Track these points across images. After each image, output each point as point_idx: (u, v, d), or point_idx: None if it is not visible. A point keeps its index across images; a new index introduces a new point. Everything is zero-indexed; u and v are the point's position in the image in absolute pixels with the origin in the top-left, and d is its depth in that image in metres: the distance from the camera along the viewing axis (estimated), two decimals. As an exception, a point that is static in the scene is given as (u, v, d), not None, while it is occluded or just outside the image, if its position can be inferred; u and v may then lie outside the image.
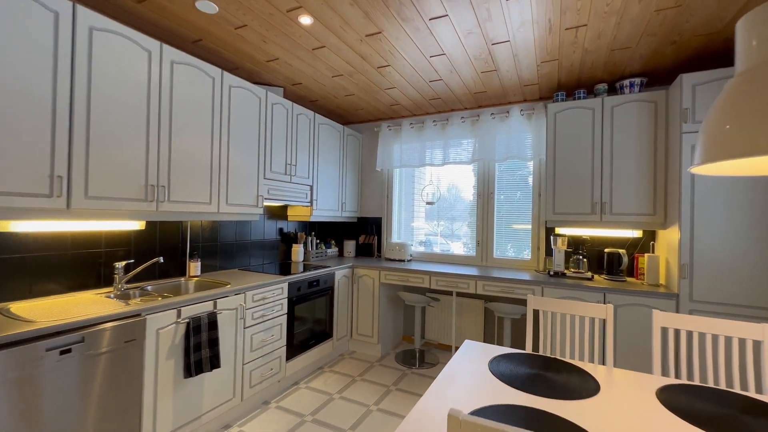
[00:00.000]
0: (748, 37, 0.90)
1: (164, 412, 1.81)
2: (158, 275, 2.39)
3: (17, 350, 1.29)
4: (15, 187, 1.49)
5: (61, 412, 1.42)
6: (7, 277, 1.72)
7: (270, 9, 1.93)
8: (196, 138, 2.22)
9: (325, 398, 2.57)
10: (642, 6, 1.83)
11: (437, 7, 1.88)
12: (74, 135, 1.66)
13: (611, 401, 1.16)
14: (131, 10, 1.99)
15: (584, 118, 2.78)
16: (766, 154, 0.82)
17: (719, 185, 2.20)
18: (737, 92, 0.90)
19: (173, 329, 1.84)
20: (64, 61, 1.62)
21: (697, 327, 1.39)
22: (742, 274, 2.12)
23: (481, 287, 2.89)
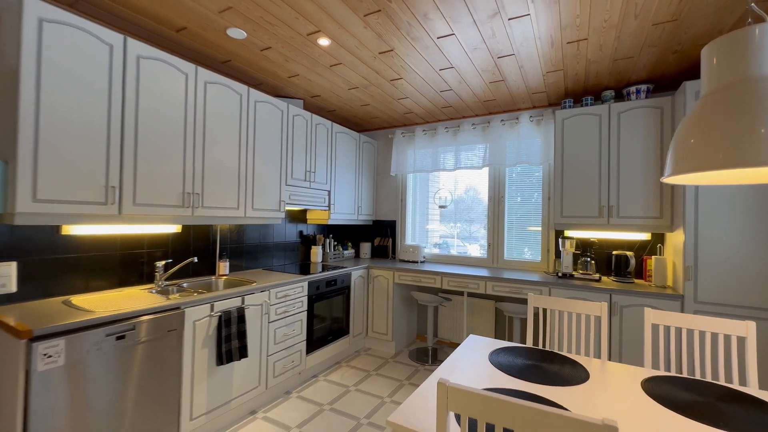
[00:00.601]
0: (711, 64, 1.02)
1: (200, 394, 2.03)
2: (192, 274, 2.63)
3: (85, 334, 1.53)
4: (77, 196, 1.74)
5: (116, 388, 1.66)
6: (68, 274, 1.98)
7: (292, 33, 2.14)
8: (225, 149, 2.46)
9: (342, 390, 2.75)
10: (639, 21, 1.93)
11: (443, 28, 2.04)
12: (125, 150, 1.91)
13: (598, 389, 1.28)
14: (171, 38, 2.24)
15: (591, 124, 2.86)
16: (723, 168, 0.94)
17: (723, 189, 2.25)
18: (701, 112, 1.02)
19: (207, 321, 2.07)
20: (117, 86, 1.87)
21: (685, 324, 1.49)
22: (746, 277, 2.17)
23: (491, 288, 3.01)
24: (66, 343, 1.48)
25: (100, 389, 1.61)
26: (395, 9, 1.87)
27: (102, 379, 1.61)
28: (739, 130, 0.92)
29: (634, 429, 1.03)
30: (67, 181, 1.70)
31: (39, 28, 1.60)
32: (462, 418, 0.82)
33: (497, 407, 0.76)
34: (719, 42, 1.00)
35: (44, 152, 1.62)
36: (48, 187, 1.63)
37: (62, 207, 1.68)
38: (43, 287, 1.89)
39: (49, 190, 1.64)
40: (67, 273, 1.98)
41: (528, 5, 1.81)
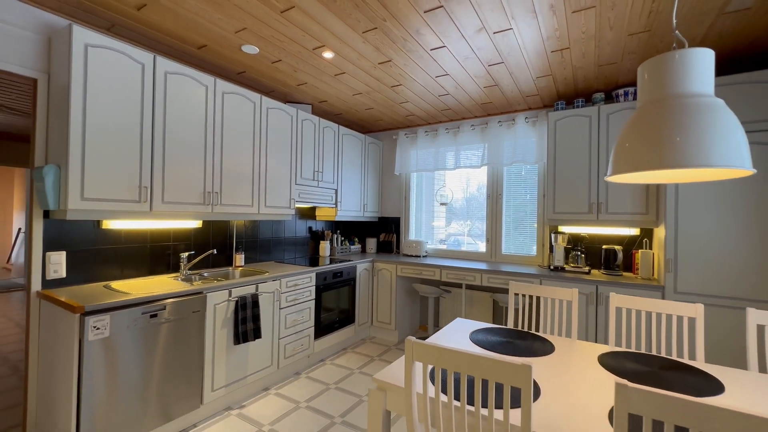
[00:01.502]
0: (643, 81, 1.21)
1: (219, 369, 2.31)
2: (211, 264, 2.92)
3: (126, 311, 1.81)
4: (116, 195, 2.02)
5: (149, 359, 1.94)
6: (107, 263, 2.28)
7: (299, 48, 2.38)
8: (241, 152, 2.73)
9: (347, 372, 3.00)
10: (615, 32, 2.10)
11: (435, 41, 2.24)
12: (155, 154, 2.19)
13: (559, 360, 1.49)
14: (193, 54, 2.52)
15: (582, 125, 3.02)
16: (651, 169, 1.14)
17: (701, 187, 2.40)
18: (634, 121, 1.21)
19: (226, 305, 2.34)
20: (148, 99, 2.15)
21: (644, 307, 1.67)
22: (722, 269, 2.32)
23: (486, 280, 3.21)
24: (110, 318, 1.76)
25: (137, 359, 1.89)
26: (390, 27, 2.09)
27: (138, 350, 1.90)
28: (661, 138, 1.11)
29: (582, 389, 1.24)
30: (108, 182, 1.98)
31: (85, 52, 1.89)
32: (423, 366, 1.04)
33: (447, 356, 0.98)
34: (649, 63, 1.19)
35: (90, 158, 1.91)
36: (93, 188, 1.92)
37: (104, 204, 1.97)
38: (87, 273, 2.19)
39: (94, 190, 1.93)
40: (106, 262, 2.28)
41: (509, 21, 2.00)
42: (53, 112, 1.96)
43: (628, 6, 1.84)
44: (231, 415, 2.32)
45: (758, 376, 1.35)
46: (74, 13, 2.06)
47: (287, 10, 1.95)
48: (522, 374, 0.87)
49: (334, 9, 1.93)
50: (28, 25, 1.96)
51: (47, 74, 2.01)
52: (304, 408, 2.44)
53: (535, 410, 1.08)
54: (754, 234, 2.25)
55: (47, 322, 1.93)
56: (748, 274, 2.25)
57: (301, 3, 1.88)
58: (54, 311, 1.86)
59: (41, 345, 1.97)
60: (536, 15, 1.94)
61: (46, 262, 2.01)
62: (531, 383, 0.87)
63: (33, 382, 1.98)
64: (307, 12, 1.96)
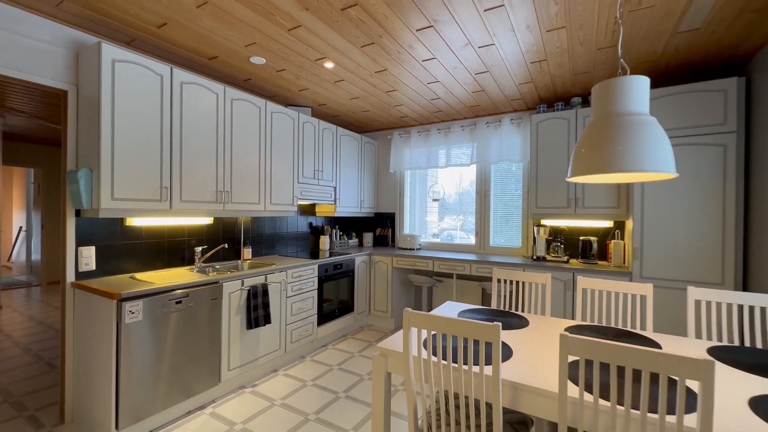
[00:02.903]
0: (595, 100, 1.48)
1: (234, 351, 2.56)
2: (222, 258, 3.15)
3: (156, 298, 2.05)
4: (140, 195, 2.25)
5: (175, 340, 2.19)
6: (130, 256, 2.51)
7: (302, 59, 2.61)
8: (248, 154, 2.95)
9: (348, 355, 3.27)
10: (585, 47, 2.37)
11: (426, 54, 2.49)
12: (173, 157, 2.41)
13: (531, 332, 1.76)
14: (204, 64, 2.73)
15: (561, 126, 3.30)
16: (600, 173, 1.40)
17: (662, 185, 2.69)
18: (588, 131, 1.48)
19: (239, 294, 2.59)
20: (166, 107, 2.37)
21: (604, 287, 1.96)
22: (682, 255, 2.62)
23: (475, 269, 3.49)
24: (143, 303, 2.00)
25: (164, 340, 2.13)
26: (386, 42, 2.33)
27: (165, 332, 2.14)
28: (607, 148, 1.38)
29: (547, 352, 1.52)
30: (134, 183, 2.21)
31: (112, 67, 2.10)
32: (418, 332, 1.31)
33: (436, 321, 1.25)
34: (600, 86, 1.46)
35: (118, 161, 2.13)
36: (121, 188, 2.15)
37: (131, 203, 2.20)
38: (113, 266, 2.42)
39: (122, 191, 2.15)
40: (130, 255, 2.51)
41: (491, 37, 2.26)
42: (82, 120, 2.18)
43: (594, 27, 2.11)
44: (245, 393, 2.58)
45: (692, 340, 1.64)
46: (99, 30, 2.27)
47: (294, 28, 2.18)
48: (492, 332, 1.14)
49: (336, 27, 2.16)
50: (58, 42, 2.17)
51: (76, 86, 2.22)
52: (311, 386, 2.70)
53: (507, 367, 1.36)
54: (702, 226, 2.55)
55: (81, 309, 2.16)
56: (698, 260, 2.56)
57: (307, 22, 2.11)
58: (89, 299, 2.09)
59: (76, 329, 2.20)
60: (515, 33, 2.20)
61: (78, 256, 2.23)
62: (499, 339, 1.14)
63: (69, 363, 2.21)
64: (312, 30, 2.19)
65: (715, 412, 1.06)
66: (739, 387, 1.20)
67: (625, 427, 0.98)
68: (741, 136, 2.49)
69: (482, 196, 4.04)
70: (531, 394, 1.23)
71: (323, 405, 2.44)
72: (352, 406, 2.43)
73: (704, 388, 0.88)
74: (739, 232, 2.48)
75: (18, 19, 2.01)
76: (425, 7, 1.94)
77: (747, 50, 2.40)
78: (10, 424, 2.16)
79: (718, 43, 2.30)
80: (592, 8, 1.93)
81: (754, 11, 1.94)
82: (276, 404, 2.43)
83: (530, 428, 1.50)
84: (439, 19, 2.05)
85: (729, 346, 1.56)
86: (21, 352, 3.27)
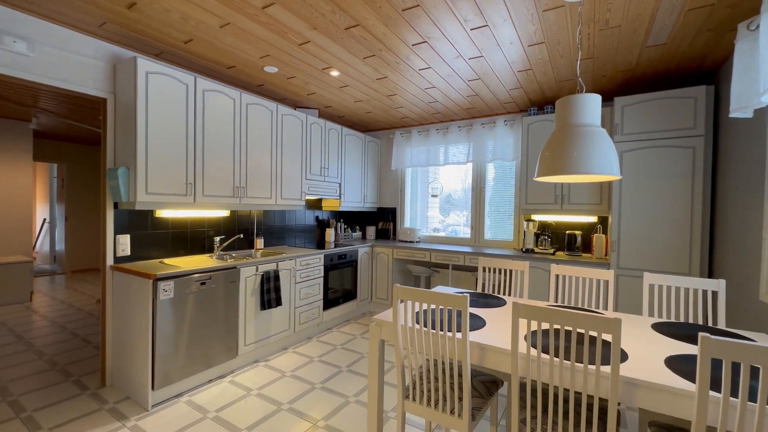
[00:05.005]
0: (558, 111, 1.75)
1: (250, 329, 2.89)
2: (237, 247, 3.48)
3: (184, 279, 2.38)
4: (170, 189, 2.57)
5: (200, 317, 2.52)
6: (159, 244, 2.84)
7: (311, 69, 2.90)
8: (261, 153, 3.26)
9: (351, 337, 3.59)
10: (565, 59, 2.62)
11: (422, 64, 2.76)
12: (197, 156, 2.73)
13: (505, 310, 2.05)
14: (223, 72, 3.04)
15: (549, 128, 3.55)
16: (560, 174, 1.68)
17: (638, 182, 2.94)
18: (552, 138, 1.75)
19: (254, 278, 2.91)
20: (191, 112, 2.68)
21: (573, 273, 2.24)
22: (654, 248, 2.88)
23: (469, 260, 3.78)
24: (174, 283, 2.33)
25: (191, 316, 2.47)
26: (385, 54, 2.61)
27: (192, 309, 2.47)
28: (564, 152, 1.65)
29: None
30: (164, 179, 2.53)
31: (146, 78, 2.41)
32: (404, 303, 1.61)
33: (418, 294, 1.54)
34: (561, 101, 1.73)
35: (151, 160, 2.45)
36: (154, 184, 2.47)
37: (161, 197, 2.52)
38: (145, 252, 2.75)
39: (155, 186, 2.47)
40: (159, 243, 2.84)
41: (479, 51, 2.52)
42: (119, 124, 2.50)
43: (570, 42, 2.36)
44: (259, 366, 2.91)
45: (643, 318, 1.92)
46: (133, 45, 2.58)
47: (304, 43, 2.47)
48: (461, 301, 1.44)
49: (341, 43, 2.44)
50: (99, 56, 2.48)
51: (113, 94, 2.54)
52: (317, 361, 3.03)
53: (478, 334, 1.65)
54: (672, 221, 2.81)
55: (120, 289, 2.50)
56: (668, 252, 2.82)
57: (316, 39, 2.40)
58: (128, 279, 2.42)
59: (114, 306, 2.55)
60: (500, 48, 2.46)
61: (116, 243, 2.57)
62: (467, 307, 1.44)
63: (109, 335, 2.56)
64: (320, 45, 2.48)
65: (637, 365, 1.34)
66: (663, 350, 1.49)
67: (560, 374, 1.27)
68: (709, 140, 2.73)
69: (477, 192, 4.31)
70: (494, 353, 1.53)
71: (328, 377, 2.76)
72: (353, 378, 2.75)
73: (614, 340, 1.17)
74: (706, 227, 2.73)
75: (68, 38, 2.33)
76: (419, 27, 2.21)
77: (714, 61, 2.63)
78: (61, 386, 2.52)
79: (686, 55, 2.54)
80: (565, 28, 2.19)
81: (711, 30, 2.18)
82: (286, 375, 2.76)
83: (499, 387, 1.80)
84: (431, 36, 2.32)
85: (670, 322, 1.84)
86: (59, 330, 3.65)
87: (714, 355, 1.02)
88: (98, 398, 2.39)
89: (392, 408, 2.34)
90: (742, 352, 0.99)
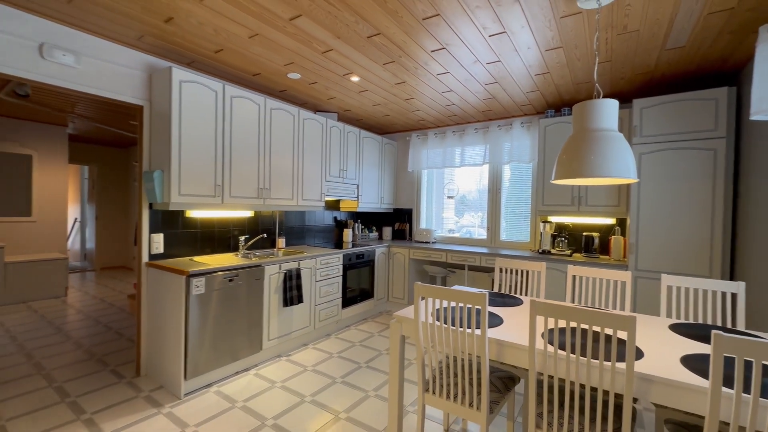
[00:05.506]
0: (576, 116, 1.80)
1: (273, 324, 3.02)
2: (260, 246, 3.62)
3: (214, 275, 2.52)
4: (200, 191, 2.72)
5: (228, 311, 2.65)
6: (189, 243, 3.00)
7: (332, 75, 3.01)
8: (284, 155, 3.39)
9: (368, 335, 3.69)
10: (582, 63, 2.65)
11: (440, 69, 2.84)
12: (225, 160, 2.87)
13: (522, 309, 2.10)
14: (248, 79, 3.18)
15: (567, 130, 3.57)
16: (577, 177, 1.73)
17: (657, 184, 2.94)
18: (569, 142, 1.80)
19: (277, 276, 3.04)
20: (219, 118, 2.83)
21: (590, 274, 2.27)
22: (673, 250, 2.87)
23: (485, 261, 3.82)
24: (205, 279, 2.47)
25: (219, 311, 2.60)
26: (404, 60, 2.69)
27: (220, 304, 2.61)
28: (582, 156, 1.70)
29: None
30: (195, 181, 2.68)
31: (180, 87, 2.57)
32: (425, 300, 1.68)
33: (438, 291, 1.62)
34: (578, 106, 1.77)
35: (184, 164, 2.60)
36: (186, 186, 2.62)
37: (193, 198, 2.67)
38: (176, 250, 2.91)
39: (187, 188, 2.62)
40: (189, 242, 3.00)
41: (497, 55, 2.58)
42: (154, 130, 2.66)
43: (587, 46, 2.40)
44: (282, 360, 3.04)
45: (661, 318, 1.94)
46: (167, 55, 2.74)
47: (327, 51, 2.58)
48: (480, 299, 1.51)
49: (362, 50, 2.54)
50: (137, 65, 2.65)
51: (149, 102, 2.71)
52: (337, 357, 3.13)
53: (496, 331, 1.72)
54: (693, 224, 2.79)
55: (154, 284, 2.66)
56: (688, 254, 2.81)
57: (338, 47, 2.51)
58: (162, 276, 2.58)
59: (148, 300, 2.71)
60: (518, 53, 2.51)
61: (150, 241, 2.73)
62: (485, 304, 1.50)
63: (144, 328, 2.72)
64: (342, 53, 2.59)
65: (653, 362, 1.38)
66: (679, 349, 1.52)
67: (576, 369, 1.32)
68: (731, 141, 2.70)
69: (494, 193, 4.34)
70: (511, 349, 1.59)
71: (347, 371, 2.86)
72: (372, 373, 2.84)
73: (629, 336, 1.22)
74: (727, 229, 2.70)
75: (109, 50, 2.51)
76: (438, 34, 2.29)
77: (736, 62, 2.61)
78: (99, 375, 2.70)
79: (706, 57, 2.53)
80: (583, 33, 2.22)
81: (732, 32, 2.18)
82: (308, 370, 2.88)
83: (516, 383, 1.86)
84: (450, 42, 2.39)
85: (687, 323, 1.86)
86: (93, 323, 3.87)
87: (727, 353, 1.06)
88: (134, 386, 2.55)
89: (410, 403, 2.42)
90: (754, 349, 1.03)
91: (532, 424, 1.46)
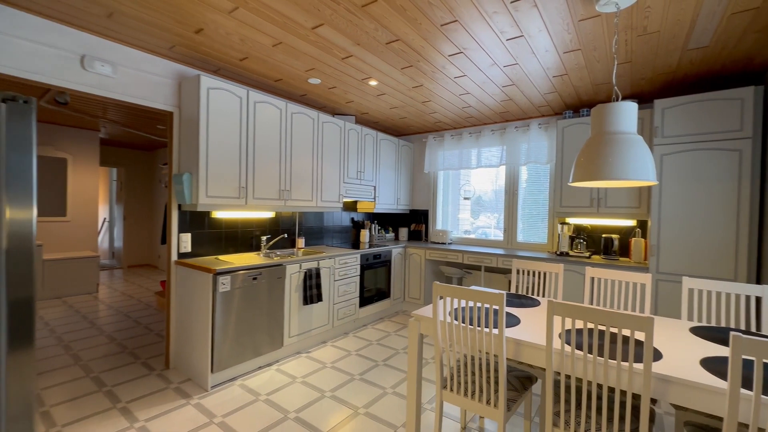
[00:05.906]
0: (594, 119, 1.81)
1: (294, 322, 3.11)
2: (281, 246, 3.74)
3: (239, 273, 2.64)
4: (225, 193, 2.84)
5: (251, 308, 2.76)
6: (214, 242, 3.13)
7: (351, 79, 3.09)
8: (304, 158, 3.50)
9: (385, 334, 3.75)
10: (601, 64, 2.64)
11: (457, 72, 2.88)
12: (248, 163, 2.99)
13: (540, 310, 2.12)
14: (271, 84, 3.30)
15: (585, 131, 3.54)
16: (594, 180, 1.75)
17: (680, 185, 2.89)
18: (588, 144, 1.82)
19: (298, 275, 3.14)
20: (244, 122, 2.95)
21: (609, 276, 2.27)
22: (696, 253, 2.82)
23: (502, 262, 3.83)
24: (231, 277, 2.59)
25: (243, 308, 2.71)
26: (422, 65, 2.74)
27: (244, 301, 2.72)
28: (600, 159, 1.72)
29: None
30: (221, 183, 2.80)
31: (207, 93, 2.69)
32: (443, 299, 1.73)
33: (456, 291, 1.67)
34: (596, 108, 1.79)
35: (211, 167, 2.73)
36: (213, 188, 2.75)
37: (219, 200, 2.80)
38: (202, 249, 3.05)
39: (213, 190, 2.75)
40: (214, 241, 3.13)
41: (514, 58, 2.60)
42: (183, 135, 2.80)
43: (606, 48, 2.40)
44: (301, 357, 3.13)
45: (682, 321, 1.93)
46: (195, 63, 2.88)
47: (347, 57, 2.66)
48: (498, 298, 1.55)
49: (381, 56, 2.61)
50: (167, 74, 2.80)
51: (179, 108, 2.85)
52: (355, 355, 3.21)
53: (514, 330, 1.75)
54: (716, 226, 2.74)
55: (182, 281, 2.79)
56: (711, 257, 2.75)
57: (358, 54, 2.58)
58: (190, 273, 2.71)
59: (177, 296, 2.85)
60: (535, 55, 2.53)
61: (179, 241, 2.87)
62: (503, 303, 1.54)
63: (173, 323, 2.86)
64: (361, 58, 2.66)
65: (671, 363, 1.39)
66: (699, 351, 1.52)
67: (594, 369, 1.35)
68: (757, 142, 2.64)
69: (510, 195, 4.34)
70: (529, 348, 1.62)
71: (366, 369, 2.93)
72: (389, 371, 2.90)
73: (647, 336, 1.24)
74: (753, 231, 2.64)
75: (143, 60, 2.66)
76: (455, 39, 2.34)
77: (763, 61, 2.56)
78: (131, 367, 2.86)
79: (730, 56, 2.49)
80: (601, 35, 2.23)
81: (757, 31, 2.14)
82: (327, 366, 2.96)
83: (534, 382, 1.88)
84: (468, 47, 2.43)
85: (709, 326, 1.85)
86: (124, 318, 4.07)
87: (745, 354, 1.07)
88: (164, 378, 2.69)
89: (428, 400, 2.47)
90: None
91: (549, 422, 1.49)
